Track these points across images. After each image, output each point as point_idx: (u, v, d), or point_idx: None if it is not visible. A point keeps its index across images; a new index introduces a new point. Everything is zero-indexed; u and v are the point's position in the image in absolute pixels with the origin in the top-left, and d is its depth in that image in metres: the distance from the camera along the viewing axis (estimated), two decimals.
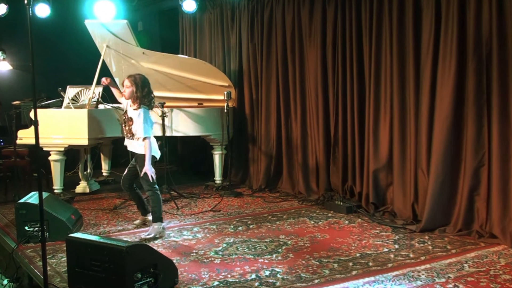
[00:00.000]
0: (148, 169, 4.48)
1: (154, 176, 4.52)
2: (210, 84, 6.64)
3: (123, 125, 4.74)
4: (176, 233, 4.71)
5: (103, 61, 6.37)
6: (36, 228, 4.39)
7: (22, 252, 4.23)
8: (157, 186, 4.64)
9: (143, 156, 4.52)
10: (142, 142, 4.52)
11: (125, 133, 4.71)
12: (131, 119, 4.60)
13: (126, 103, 4.71)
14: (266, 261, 3.91)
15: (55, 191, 5.92)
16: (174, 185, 6.15)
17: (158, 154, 4.73)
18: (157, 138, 7.01)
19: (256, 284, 3.47)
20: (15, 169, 7.02)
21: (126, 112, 4.68)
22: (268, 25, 6.40)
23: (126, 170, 4.84)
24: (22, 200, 4.54)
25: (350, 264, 3.80)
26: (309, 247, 4.23)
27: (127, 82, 4.57)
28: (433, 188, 4.50)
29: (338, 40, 5.55)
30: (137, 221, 5.03)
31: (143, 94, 4.53)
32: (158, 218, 4.62)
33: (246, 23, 6.69)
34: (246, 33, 6.72)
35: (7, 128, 7.39)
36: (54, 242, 4.36)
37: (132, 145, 4.65)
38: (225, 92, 6.25)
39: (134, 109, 4.58)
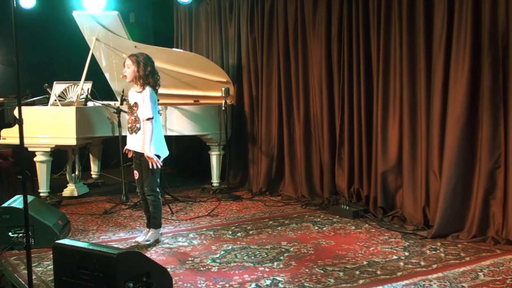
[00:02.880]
0: (150, 155, 4.34)
1: (159, 165, 4.40)
2: (207, 80, 6.64)
3: (128, 117, 4.58)
4: (170, 239, 4.71)
5: (92, 56, 6.38)
6: (21, 234, 4.39)
7: (6, 259, 4.23)
8: (159, 191, 4.62)
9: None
10: (142, 137, 4.35)
11: (128, 129, 4.53)
12: (136, 104, 4.44)
13: (132, 98, 4.51)
14: (267, 269, 3.91)
15: (41, 194, 5.93)
16: (168, 188, 6.15)
17: (165, 153, 4.60)
18: None
19: None
20: None
21: (128, 100, 4.51)
22: (269, 16, 6.40)
23: (136, 174, 4.61)
24: (5, 204, 4.53)
25: (357, 272, 3.80)
26: (313, 254, 4.24)
27: (128, 61, 4.45)
28: (446, 191, 4.51)
29: (344, 33, 5.55)
30: (142, 237, 4.62)
31: (146, 73, 4.41)
32: (158, 225, 4.62)
33: (246, 15, 6.69)
34: (245, 25, 6.72)
35: None
36: (40, 249, 4.36)
37: (136, 142, 4.45)
38: (223, 89, 6.25)
39: (138, 92, 4.44)
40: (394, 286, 3.53)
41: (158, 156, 4.46)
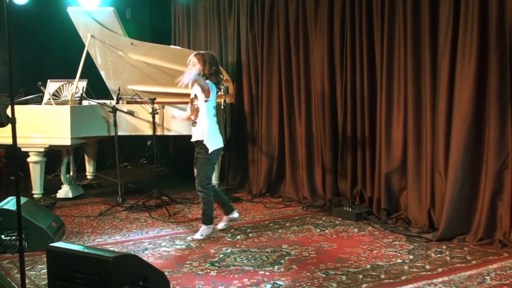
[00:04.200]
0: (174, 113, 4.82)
1: (177, 115, 4.81)
2: None
3: (189, 112, 4.86)
4: (168, 242, 4.71)
5: (88, 53, 6.37)
6: (14, 237, 4.38)
7: None
8: (210, 187, 4.80)
9: (203, 147, 4.64)
10: (204, 131, 4.62)
11: (192, 122, 4.79)
12: (196, 97, 4.70)
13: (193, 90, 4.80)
14: (267, 273, 3.91)
15: (35, 196, 5.93)
16: (165, 189, 6.14)
17: (219, 143, 4.77)
18: (147, 137, 7.12)
19: None
20: None
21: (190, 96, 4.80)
22: (269, 12, 6.40)
23: (195, 169, 4.84)
24: None
25: (360, 276, 3.80)
26: (315, 257, 4.24)
27: (193, 59, 4.71)
28: (452, 193, 4.51)
29: (346, 29, 5.55)
30: (222, 224, 5.03)
31: (211, 72, 4.67)
32: (208, 221, 4.82)
33: (245, 11, 6.69)
34: (245, 22, 6.72)
35: None
36: (33, 252, 4.35)
37: (195, 133, 4.73)
38: (222, 87, 6.24)
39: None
40: None
41: (218, 150, 4.75)
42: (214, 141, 4.73)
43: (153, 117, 5.92)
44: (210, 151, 4.69)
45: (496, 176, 4.34)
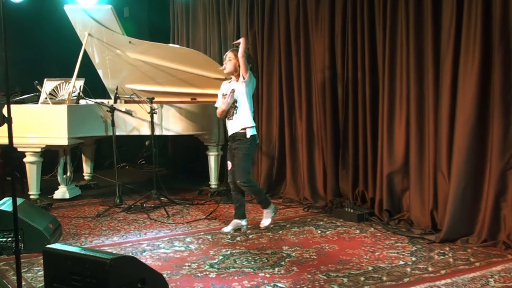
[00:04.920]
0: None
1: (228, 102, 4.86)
2: (205, 77, 6.64)
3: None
4: (166, 244, 4.71)
5: (85, 51, 6.38)
6: (10, 238, 4.39)
7: None
8: (251, 178, 5.05)
9: (241, 142, 4.88)
10: (245, 119, 4.87)
11: (227, 115, 4.97)
12: (232, 91, 4.91)
13: (223, 88, 5.03)
14: (268, 275, 3.91)
15: (31, 196, 5.92)
16: (164, 190, 6.14)
17: (251, 123, 4.94)
18: (145, 137, 7.12)
19: None
20: None
21: (223, 93, 5.00)
22: (269, 11, 6.40)
23: (229, 164, 5.04)
24: None
25: (362, 278, 3.80)
26: (316, 259, 4.23)
27: (230, 55, 4.93)
28: (455, 193, 4.51)
29: (348, 28, 5.56)
30: (229, 228, 5.06)
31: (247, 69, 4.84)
32: (267, 204, 5.06)
33: (245, 9, 6.69)
34: (245, 20, 6.72)
35: None
36: (29, 254, 4.35)
37: (233, 125, 4.94)
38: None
39: (236, 82, 4.94)
40: None
41: (254, 138, 4.97)
42: (254, 129, 4.98)
43: (152, 117, 5.92)
44: (249, 136, 4.90)
45: (500, 176, 4.34)
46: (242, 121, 4.93)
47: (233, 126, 4.97)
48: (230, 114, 4.96)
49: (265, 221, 5.05)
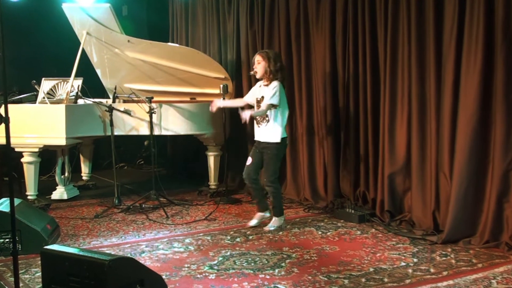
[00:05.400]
0: (246, 113, 4.89)
1: (246, 117, 4.88)
2: (204, 76, 6.64)
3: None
4: (165, 245, 4.71)
5: (83, 50, 6.38)
6: (7, 240, 4.38)
7: None
8: (277, 181, 5.14)
9: (272, 144, 4.95)
10: (272, 128, 4.93)
11: (258, 122, 5.06)
12: (262, 98, 4.97)
13: (255, 91, 5.13)
14: (268, 276, 3.90)
15: (29, 197, 5.93)
16: (163, 190, 6.15)
17: (281, 134, 4.97)
18: (144, 137, 7.12)
19: None
20: None
21: (257, 97, 5.08)
22: (270, 9, 6.40)
23: (250, 160, 5.15)
24: None
25: (363, 280, 3.80)
26: (316, 260, 4.23)
27: (258, 57, 5.01)
28: (457, 194, 4.51)
29: (349, 27, 5.55)
30: (254, 221, 5.22)
31: (276, 69, 4.94)
32: (280, 212, 5.14)
33: (245, 7, 6.69)
34: (244, 19, 6.72)
35: None
36: (27, 255, 4.35)
37: (263, 133, 5.03)
38: (221, 86, 6.24)
39: (265, 85, 4.99)
40: None
41: (285, 140, 5.05)
42: (284, 132, 5.04)
43: (151, 116, 5.92)
44: (279, 141, 4.97)
45: (503, 176, 4.34)
46: (271, 134, 4.99)
47: (261, 135, 5.06)
48: (260, 120, 5.04)
49: (271, 226, 5.09)
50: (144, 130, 6.18)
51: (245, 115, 4.89)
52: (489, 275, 3.82)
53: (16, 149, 5.81)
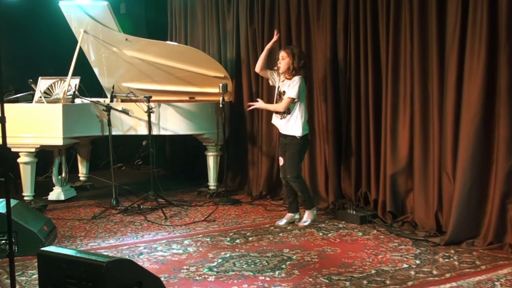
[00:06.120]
0: (260, 104, 5.35)
1: (255, 106, 5.35)
2: (203, 75, 6.64)
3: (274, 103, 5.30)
4: (164, 246, 4.71)
5: (80, 49, 6.38)
6: (3, 241, 4.39)
7: None
8: (302, 175, 5.33)
9: (293, 138, 5.11)
10: (293, 120, 5.08)
11: (280, 115, 5.20)
12: (284, 92, 5.12)
13: (277, 81, 5.28)
14: (268, 278, 3.91)
15: (25, 198, 5.93)
16: (161, 191, 6.15)
17: (302, 129, 5.11)
18: (142, 137, 7.11)
19: None
20: None
21: (278, 88, 5.25)
22: (270, 7, 6.40)
23: (281, 160, 5.31)
24: None
25: (365, 282, 3.80)
26: (317, 262, 4.24)
27: (283, 53, 5.15)
28: (460, 195, 4.51)
29: (350, 25, 5.55)
30: (283, 221, 5.33)
31: (300, 66, 5.11)
32: (310, 205, 5.29)
33: (245, 5, 6.69)
34: (244, 17, 6.72)
35: None
36: (23, 257, 4.35)
37: (282, 125, 5.20)
38: (221, 85, 6.25)
39: (288, 78, 5.14)
40: None
41: (306, 137, 5.20)
42: (306, 128, 5.19)
43: (149, 116, 5.92)
44: (301, 136, 5.11)
45: (506, 177, 4.34)
46: (292, 127, 5.14)
47: (283, 127, 5.21)
48: (282, 113, 5.17)
49: (305, 221, 5.22)
50: (143, 130, 6.18)
51: (258, 104, 5.29)
52: (493, 277, 3.83)
53: (13, 149, 5.81)
